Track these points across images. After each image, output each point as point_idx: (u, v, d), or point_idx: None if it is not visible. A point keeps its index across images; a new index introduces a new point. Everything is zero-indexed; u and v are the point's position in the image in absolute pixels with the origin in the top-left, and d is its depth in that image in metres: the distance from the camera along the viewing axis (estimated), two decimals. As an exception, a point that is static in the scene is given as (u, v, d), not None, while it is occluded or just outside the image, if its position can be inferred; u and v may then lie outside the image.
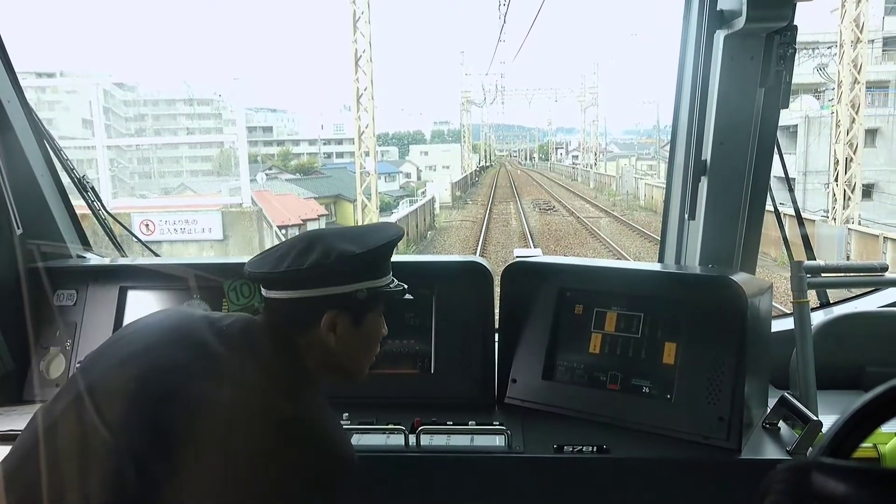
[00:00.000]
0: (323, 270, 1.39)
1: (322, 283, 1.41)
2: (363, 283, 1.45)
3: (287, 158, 70.88)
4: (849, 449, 0.65)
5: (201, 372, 1.34)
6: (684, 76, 2.32)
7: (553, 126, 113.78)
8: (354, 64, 19.52)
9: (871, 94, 23.16)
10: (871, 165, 22.68)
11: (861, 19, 17.75)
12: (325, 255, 1.40)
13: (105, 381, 1.34)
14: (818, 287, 2.34)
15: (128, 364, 1.35)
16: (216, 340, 1.38)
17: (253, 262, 1.47)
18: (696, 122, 2.20)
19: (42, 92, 18.79)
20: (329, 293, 1.42)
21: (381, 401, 2.14)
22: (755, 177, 2.24)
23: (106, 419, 1.27)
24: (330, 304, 1.42)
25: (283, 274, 1.40)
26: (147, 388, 1.31)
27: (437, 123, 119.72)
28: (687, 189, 2.28)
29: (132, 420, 1.27)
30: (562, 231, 24.79)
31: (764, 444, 1.87)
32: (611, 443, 1.87)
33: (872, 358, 2.36)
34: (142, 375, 1.32)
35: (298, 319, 1.43)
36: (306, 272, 1.39)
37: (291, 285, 1.42)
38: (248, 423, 1.29)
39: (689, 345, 1.96)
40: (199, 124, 40.89)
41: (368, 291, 1.46)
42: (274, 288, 1.44)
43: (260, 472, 1.26)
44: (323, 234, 1.48)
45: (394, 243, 1.53)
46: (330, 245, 1.42)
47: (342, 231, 1.52)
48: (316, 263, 1.39)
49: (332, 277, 1.41)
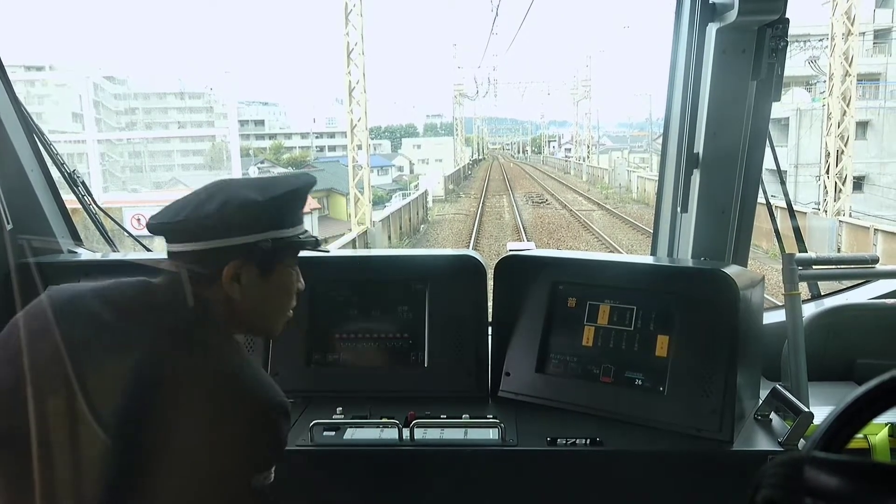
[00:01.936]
0: (223, 219, 1.35)
1: (224, 234, 1.36)
2: (268, 234, 1.39)
3: (279, 152, 70.60)
4: (841, 442, 0.65)
5: (104, 348, 1.29)
6: (676, 69, 2.32)
7: (546, 119, 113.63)
8: (346, 57, 19.43)
9: (861, 87, 23.26)
10: (862, 158, 22.77)
11: (852, 12, 17.78)
12: (224, 204, 1.35)
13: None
14: (809, 279, 2.35)
15: (13, 363, 1.28)
16: (109, 310, 1.33)
17: (155, 214, 1.40)
18: (689, 115, 2.20)
19: (31, 85, 18.67)
20: (231, 244, 1.36)
21: (374, 394, 2.14)
22: (747, 169, 2.25)
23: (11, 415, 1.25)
24: (233, 254, 1.37)
25: (182, 223, 1.35)
26: (47, 378, 1.26)
27: (429, 117, 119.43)
28: (679, 182, 2.29)
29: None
30: (555, 224, 24.80)
31: (756, 436, 1.88)
32: (604, 435, 1.88)
33: (863, 349, 2.38)
34: (37, 366, 1.26)
35: (202, 272, 1.37)
36: (205, 221, 1.34)
37: (192, 236, 1.36)
38: (168, 389, 1.26)
39: (681, 337, 1.97)
40: (190, 118, 40.71)
41: (274, 242, 1.40)
42: (176, 241, 1.38)
43: (194, 438, 1.24)
44: (227, 184, 1.43)
45: (301, 192, 1.46)
46: (232, 194, 1.37)
47: (248, 181, 1.46)
48: (215, 212, 1.34)
49: (233, 227, 1.36)
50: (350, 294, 2.30)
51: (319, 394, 2.18)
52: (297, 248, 1.48)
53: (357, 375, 2.23)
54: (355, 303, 2.30)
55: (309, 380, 2.22)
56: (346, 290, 2.30)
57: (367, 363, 2.25)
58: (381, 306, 2.29)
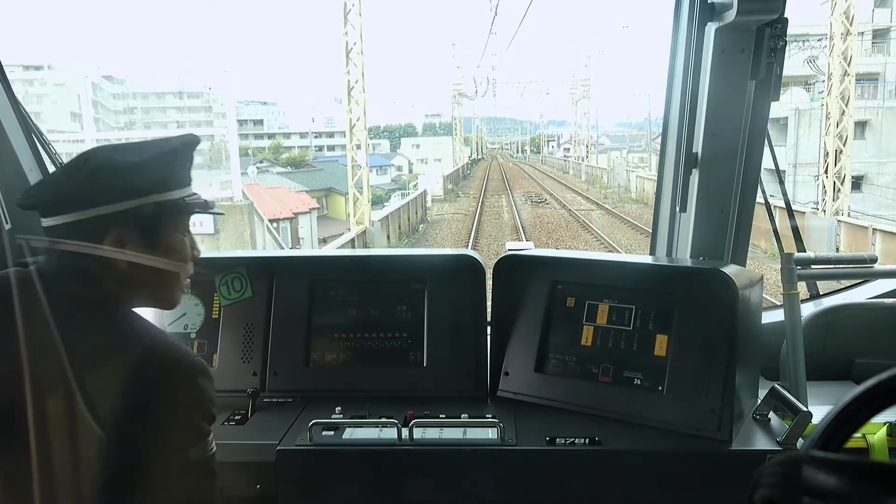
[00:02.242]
0: (97, 186, 1.27)
1: (100, 201, 1.27)
2: (148, 198, 1.31)
3: (278, 152, 70.54)
4: (839, 442, 0.65)
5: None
6: (675, 69, 2.32)
7: (545, 119, 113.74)
8: (345, 56, 19.42)
9: (860, 87, 23.27)
10: (861, 157, 22.78)
11: (851, 11, 17.79)
12: (97, 170, 1.28)
13: None
14: (808, 279, 2.35)
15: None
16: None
17: (27, 189, 1.36)
18: (688, 114, 2.20)
19: (30, 85, 18.65)
20: (109, 211, 1.28)
21: (373, 394, 2.14)
22: (746, 169, 2.25)
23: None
24: (113, 222, 1.29)
25: (53, 193, 1.29)
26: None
27: (428, 116, 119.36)
28: (678, 182, 2.29)
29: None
30: (553, 224, 24.81)
31: (754, 435, 1.88)
32: (603, 435, 1.88)
33: (861, 349, 2.38)
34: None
35: (83, 245, 1.28)
36: (78, 190, 1.27)
37: (67, 207, 1.27)
38: (77, 375, 1.20)
39: (680, 337, 1.97)
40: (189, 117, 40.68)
41: (156, 206, 1.32)
42: (50, 214, 1.29)
43: (117, 419, 1.20)
44: (101, 149, 1.35)
45: (181, 152, 1.38)
46: (105, 158, 1.31)
47: (124, 144, 1.40)
48: (87, 179, 1.27)
49: (109, 193, 1.28)
50: (349, 294, 2.30)
51: (318, 393, 2.18)
52: (183, 211, 1.40)
53: (356, 375, 2.23)
54: (354, 302, 2.30)
55: (308, 379, 2.22)
56: (345, 290, 2.30)
57: (366, 363, 2.25)
58: (380, 306, 2.29)
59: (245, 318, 2.27)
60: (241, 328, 2.27)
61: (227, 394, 2.16)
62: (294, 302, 2.28)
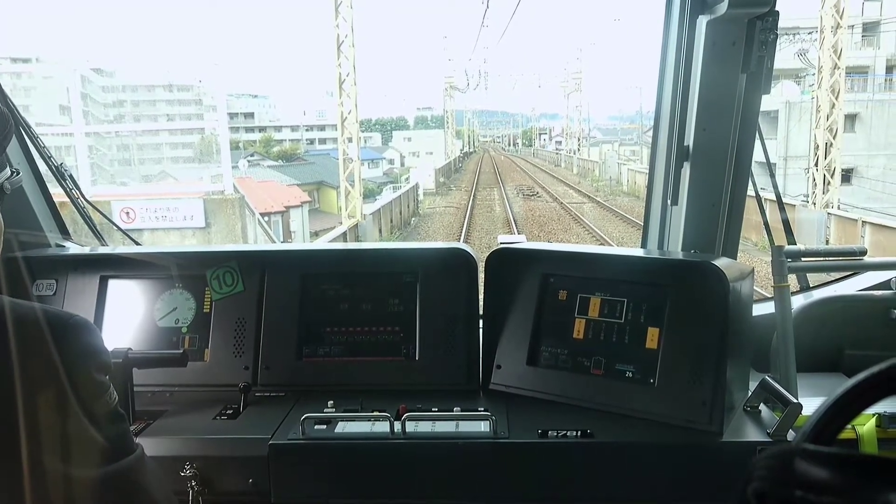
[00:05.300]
0: None
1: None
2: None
3: (269, 145, 70.18)
4: (831, 435, 0.66)
5: None
6: (667, 62, 2.32)
7: (536, 112, 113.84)
8: (337, 49, 19.34)
9: (850, 80, 23.38)
10: (851, 150, 22.90)
11: (841, 5, 17.86)
12: None
13: None
14: (798, 271, 2.36)
15: None
16: None
17: None
18: (679, 107, 2.21)
19: (17, 77, 18.45)
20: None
21: (365, 388, 2.14)
22: (737, 162, 2.25)
23: None
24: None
25: None
26: None
27: (420, 109, 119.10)
28: (669, 174, 2.29)
29: None
30: (545, 217, 24.85)
31: (745, 427, 1.89)
32: (595, 427, 1.88)
33: (851, 341, 2.40)
34: None
35: None
36: None
37: None
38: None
39: (671, 330, 1.97)
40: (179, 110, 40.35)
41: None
42: None
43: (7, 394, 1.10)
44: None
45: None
46: None
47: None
48: None
49: None
50: (341, 287, 2.29)
51: (310, 387, 2.17)
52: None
53: (348, 369, 2.22)
54: (346, 296, 2.29)
55: (300, 373, 2.22)
56: (337, 284, 2.30)
57: (359, 357, 2.25)
58: (372, 300, 2.28)
59: (237, 312, 2.27)
60: (232, 322, 2.26)
61: (218, 388, 2.16)
62: (286, 296, 2.27)
